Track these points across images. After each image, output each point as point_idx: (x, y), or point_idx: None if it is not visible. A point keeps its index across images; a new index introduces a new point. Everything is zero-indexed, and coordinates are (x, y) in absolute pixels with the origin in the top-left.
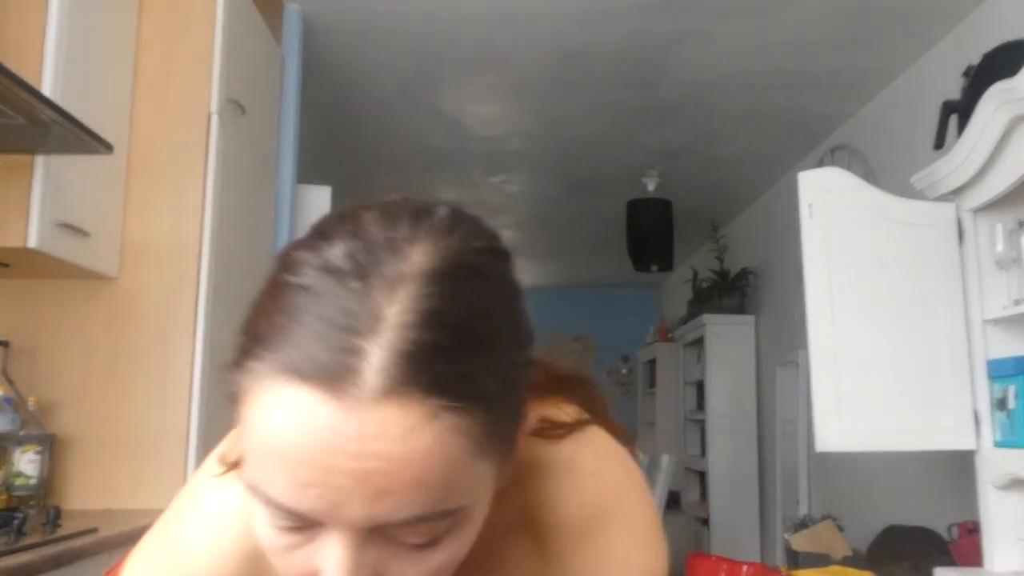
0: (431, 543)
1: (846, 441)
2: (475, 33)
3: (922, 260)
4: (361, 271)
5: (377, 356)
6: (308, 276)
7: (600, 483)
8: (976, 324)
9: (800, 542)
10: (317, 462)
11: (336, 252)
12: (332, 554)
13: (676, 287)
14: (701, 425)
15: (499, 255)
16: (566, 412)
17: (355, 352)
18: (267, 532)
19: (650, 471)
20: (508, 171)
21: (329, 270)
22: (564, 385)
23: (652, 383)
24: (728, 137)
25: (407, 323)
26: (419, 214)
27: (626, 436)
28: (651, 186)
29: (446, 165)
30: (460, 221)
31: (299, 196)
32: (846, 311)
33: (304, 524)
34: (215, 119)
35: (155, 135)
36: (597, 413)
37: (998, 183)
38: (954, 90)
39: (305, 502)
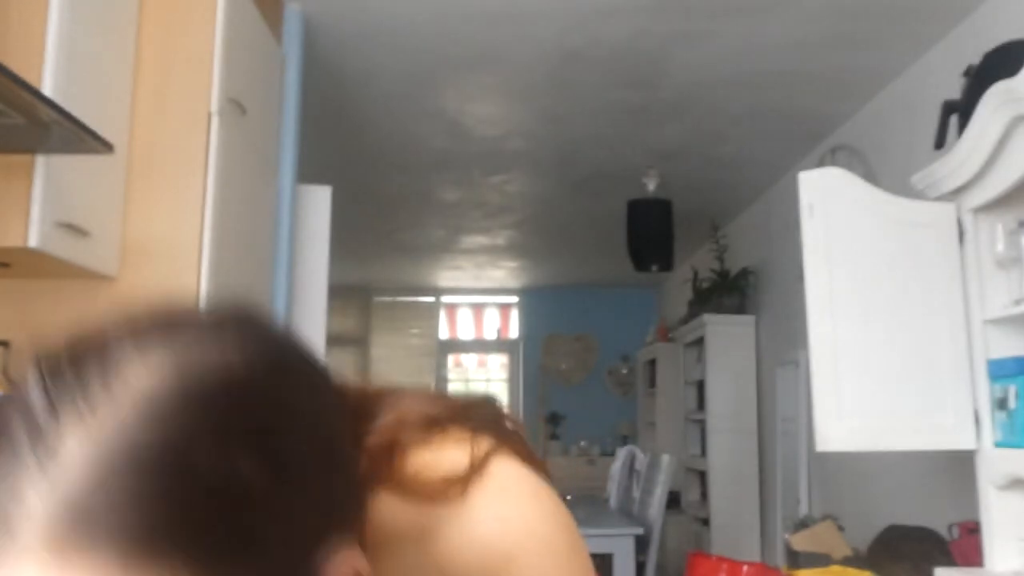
0: None
1: (846, 441)
2: (475, 33)
3: (922, 260)
4: (54, 400)
5: (39, 502)
6: (6, 409)
7: (502, 526)
8: (976, 324)
9: (800, 542)
10: None
11: (36, 375)
12: None
13: (676, 287)
14: (701, 425)
15: (281, 369)
16: (462, 457)
17: (15, 498)
18: None
19: (650, 471)
20: (508, 171)
21: (22, 398)
22: (464, 413)
23: (652, 383)
24: (728, 137)
25: (90, 459)
26: (172, 320)
27: (535, 458)
28: (651, 186)
29: (446, 165)
30: (226, 326)
31: (299, 196)
32: (846, 311)
33: None
34: (215, 119)
35: (155, 135)
36: (504, 438)
37: (998, 183)
38: (954, 90)
39: None
